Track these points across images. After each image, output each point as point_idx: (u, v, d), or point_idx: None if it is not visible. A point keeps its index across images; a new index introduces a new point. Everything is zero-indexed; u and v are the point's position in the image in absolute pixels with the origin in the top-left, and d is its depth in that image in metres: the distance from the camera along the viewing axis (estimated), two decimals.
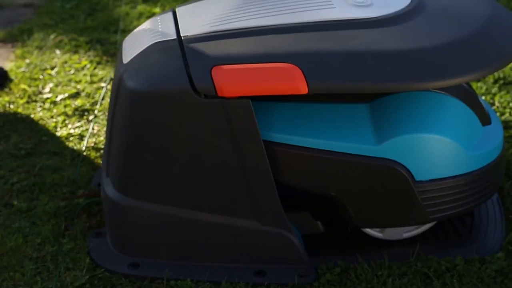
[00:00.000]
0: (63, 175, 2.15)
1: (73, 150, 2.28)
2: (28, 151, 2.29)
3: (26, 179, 2.15)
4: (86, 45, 2.93)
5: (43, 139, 2.34)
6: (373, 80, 1.61)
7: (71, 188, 2.10)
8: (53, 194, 2.08)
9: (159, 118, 1.69)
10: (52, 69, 2.79)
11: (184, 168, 1.71)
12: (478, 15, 1.75)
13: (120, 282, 1.77)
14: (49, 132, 2.39)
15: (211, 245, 1.77)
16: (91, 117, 2.46)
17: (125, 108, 1.72)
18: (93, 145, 2.29)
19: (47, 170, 2.19)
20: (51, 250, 1.87)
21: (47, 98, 2.59)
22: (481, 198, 1.79)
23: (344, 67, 1.62)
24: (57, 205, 2.02)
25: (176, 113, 1.67)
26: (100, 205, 2.00)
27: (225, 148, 1.67)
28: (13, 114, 2.48)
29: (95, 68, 2.77)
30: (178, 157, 1.71)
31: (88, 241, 1.89)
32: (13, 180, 2.15)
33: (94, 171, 2.17)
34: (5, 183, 2.14)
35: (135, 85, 1.69)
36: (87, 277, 1.77)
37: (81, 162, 2.21)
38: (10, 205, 2.05)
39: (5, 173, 2.18)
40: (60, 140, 2.33)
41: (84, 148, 2.28)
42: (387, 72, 1.61)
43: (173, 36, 1.76)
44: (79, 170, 2.17)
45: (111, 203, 1.81)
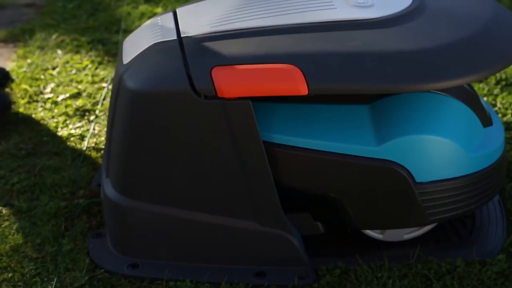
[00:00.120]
0: (63, 176, 2.15)
1: (74, 150, 2.27)
2: (28, 151, 2.28)
3: (26, 179, 2.14)
4: (87, 45, 2.93)
5: (44, 139, 2.33)
6: (373, 81, 1.60)
7: (71, 188, 2.10)
8: (54, 194, 2.08)
9: (159, 118, 1.68)
10: (53, 69, 2.79)
11: (183, 168, 1.71)
12: (479, 16, 1.74)
13: (119, 283, 1.77)
14: (50, 132, 2.39)
15: (210, 246, 1.77)
16: (92, 118, 2.45)
17: (125, 108, 1.72)
18: (94, 145, 2.29)
19: (47, 170, 2.18)
20: (50, 250, 1.86)
21: (48, 98, 2.59)
22: (482, 199, 1.78)
23: (344, 68, 1.61)
24: (57, 206, 2.01)
25: (176, 114, 1.67)
26: (100, 205, 2.00)
27: (225, 149, 1.67)
28: (14, 114, 2.48)
29: (96, 68, 2.76)
30: (177, 157, 1.70)
31: (88, 242, 1.88)
32: (14, 180, 2.14)
33: (94, 172, 2.17)
34: (6, 183, 2.14)
35: (135, 86, 1.69)
36: (86, 278, 1.77)
37: (81, 162, 2.21)
38: (10, 205, 2.04)
39: (6, 173, 2.18)
40: (61, 140, 2.33)
41: (85, 148, 2.28)
42: (387, 73, 1.60)
43: (173, 36, 1.76)
44: (79, 170, 2.17)
45: (111, 203, 1.81)
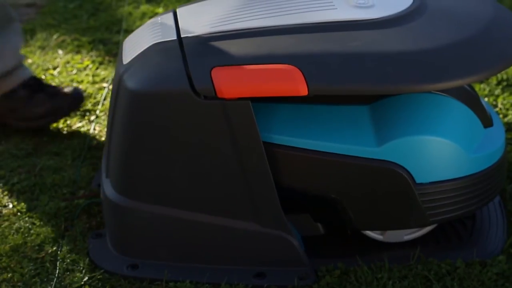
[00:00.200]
0: (63, 176, 2.15)
1: (74, 150, 2.27)
2: (29, 151, 2.28)
3: (26, 179, 2.14)
4: (88, 45, 2.93)
5: (44, 139, 2.33)
6: (373, 81, 1.60)
7: (71, 188, 2.10)
8: (54, 194, 2.08)
9: (158, 119, 1.68)
10: (54, 69, 2.78)
11: (183, 169, 1.71)
12: (480, 16, 1.74)
13: (119, 283, 1.76)
14: (51, 132, 2.38)
15: (210, 246, 1.77)
16: (92, 118, 2.45)
17: (125, 108, 1.72)
18: (94, 145, 2.29)
19: (47, 170, 2.18)
20: (50, 251, 1.86)
21: None
22: (482, 200, 1.78)
23: (344, 68, 1.61)
24: (57, 206, 2.01)
25: (175, 114, 1.67)
26: (100, 206, 1.99)
27: (224, 149, 1.67)
28: None
29: (97, 68, 2.76)
30: (177, 158, 1.70)
31: (87, 242, 1.88)
32: (14, 180, 2.14)
33: (95, 172, 2.17)
34: (6, 183, 2.13)
35: (134, 86, 1.69)
36: (86, 278, 1.77)
37: (82, 162, 2.21)
38: (10, 205, 2.04)
39: (6, 173, 2.18)
40: (61, 140, 2.33)
41: (85, 148, 2.28)
42: (387, 73, 1.60)
43: (173, 36, 1.76)
44: (79, 170, 2.17)
45: (111, 204, 1.81)
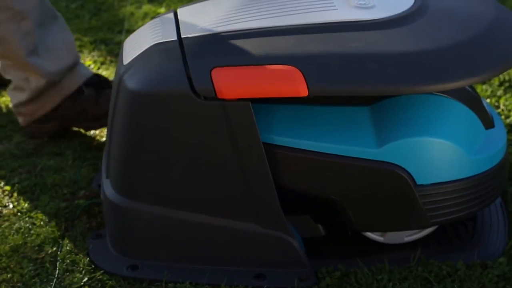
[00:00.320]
0: (64, 176, 2.14)
1: (75, 150, 2.27)
2: (29, 151, 2.28)
3: (27, 179, 2.14)
4: (90, 45, 2.92)
5: (45, 139, 2.33)
6: (374, 82, 1.59)
7: (72, 189, 2.10)
8: (54, 195, 2.07)
9: (158, 119, 1.68)
10: None
11: (183, 170, 1.70)
12: (481, 17, 1.73)
13: (119, 284, 1.76)
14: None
15: (210, 247, 1.76)
16: None
17: (125, 109, 1.72)
18: (95, 145, 2.29)
19: (48, 170, 2.18)
20: (50, 251, 1.86)
21: None
22: (483, 202, 1.77)
23: (345, 69, 1.60)
24: (57, 206, 2.01)
25: (175, 115, 1.66)
26: (100, 206, 1.99)
27: (224, 150, 1.66)
28: None
29: (99, 68, 2.76)
30: (177, 158, 1.70)
31: (87, 243, 1.88)
32: (14, 180, 2.14)
33: (95, 172, 2.16)
34: (6, 183, 2.13)
35: (134, 86, 1.69)
36: (85, 279, 1.76)
37: (82, 163, 2.21)
38: (10, 205, 2.04)
39: (6, 173, 2.18)
40: (62, 140, 2.32)
41: (86, 148, 2.27)
42: (388, 74, 1.59)
43: (173, 37, 1.75)
44: (80, 171, 2.16)
45: (111, 204, 1.80)
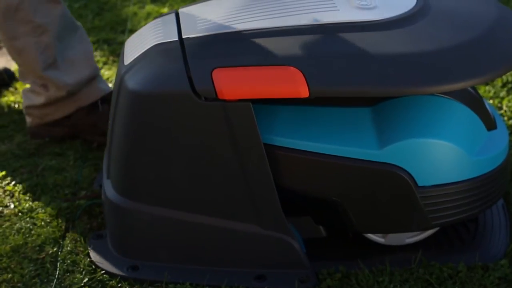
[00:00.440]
0: (65, 176, 2.14)
1: (76, 151, 2.27)
2: (31, 152, 2.28)
3: (28, 179, 2.14)
4: (93, 45, 2.92)
5: (46, 139, 2.33)
6: (375, 84, 1.59)
7: (73, 189, 2.10)
8: (55, 195, 2.07)
9: (159, 120, 1.68)
10: None
11: (184, 170, 1.70)
12: (483, 17, 1.73)
13: (119, 284, 1.76)
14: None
15: (211, 248, 1.76)
16: None
17: (125, 109, 1.71)
18: (96, 146, 2.28)
19: (49, 170, 2.18)
20: (51, 251, 1.86)
21: None
22: (485, 204, 1.76)
23: (346, 70, 1.60)
24: (58, 206, 2.01)
25: (176, 115, 1.66)
26: (101, 207, 1.99)
27: (225, 151, 1.66)
28: (18, 114, 2.47)
29: (101, 68, 2.75)
30: (178, 159, 1.69)
31: (88, 243, 1.88)
32: (16, 180, 2.14)
33: (96, 173, 2.16)
34: (8, 183, 2.13)
35: (135, 87, 1.68)
36: (86, 280, 1.76)
37: (84, 163, 2.20)
38: (11, 205, 2.04)
39: (8, 173, 2.18)
40: (63, 141, 2.32)
41: (87, 149, 2.27)
42: (390, 75, 1.59)
43: (174, 37, 1.75)
44: (81, 171, 2.16)
45: (112, 205, 1.80)
